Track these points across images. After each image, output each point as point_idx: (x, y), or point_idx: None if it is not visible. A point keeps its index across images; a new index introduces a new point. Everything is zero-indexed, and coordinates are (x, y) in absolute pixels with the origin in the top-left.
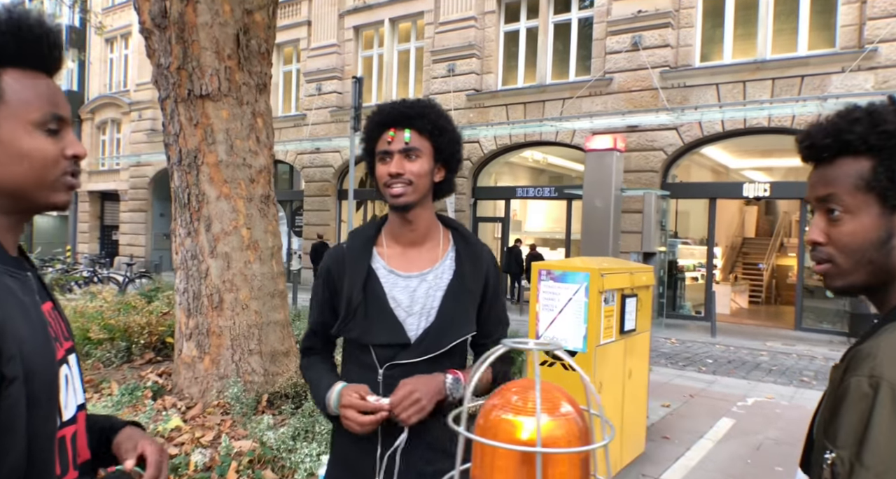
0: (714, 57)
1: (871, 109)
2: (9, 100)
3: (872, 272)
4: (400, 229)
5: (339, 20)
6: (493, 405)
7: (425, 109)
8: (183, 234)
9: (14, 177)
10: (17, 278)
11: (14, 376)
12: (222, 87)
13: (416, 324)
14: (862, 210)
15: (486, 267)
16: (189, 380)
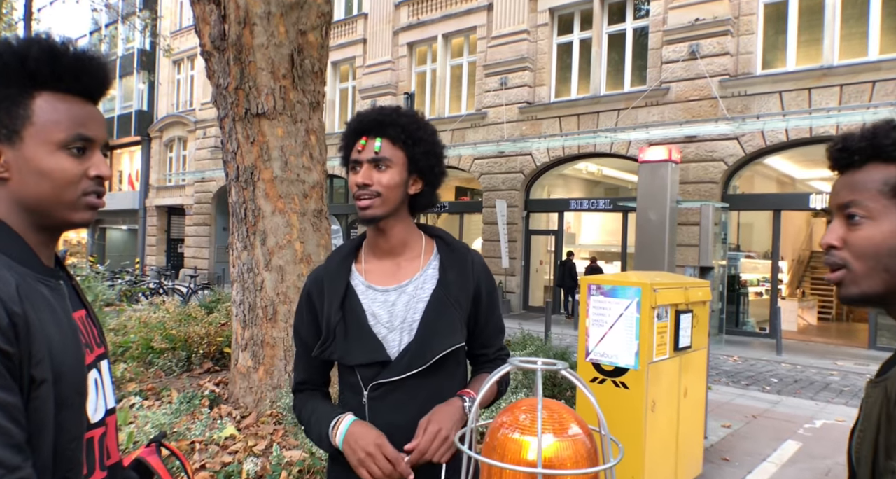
0: (777, 64)
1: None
2: (36, 121)
3: (887, 281)
4: (375, 241)
5: (393, 37)
6: (501, 424)
7: (400, 117)
8: (240, 247)
9: (35, 194)
10: (50, 286)
11: (43, 378)
12: (277, 105)
13: (398, 339)
14: (884, 216)
15: (477, 274)
16: (244, 390)
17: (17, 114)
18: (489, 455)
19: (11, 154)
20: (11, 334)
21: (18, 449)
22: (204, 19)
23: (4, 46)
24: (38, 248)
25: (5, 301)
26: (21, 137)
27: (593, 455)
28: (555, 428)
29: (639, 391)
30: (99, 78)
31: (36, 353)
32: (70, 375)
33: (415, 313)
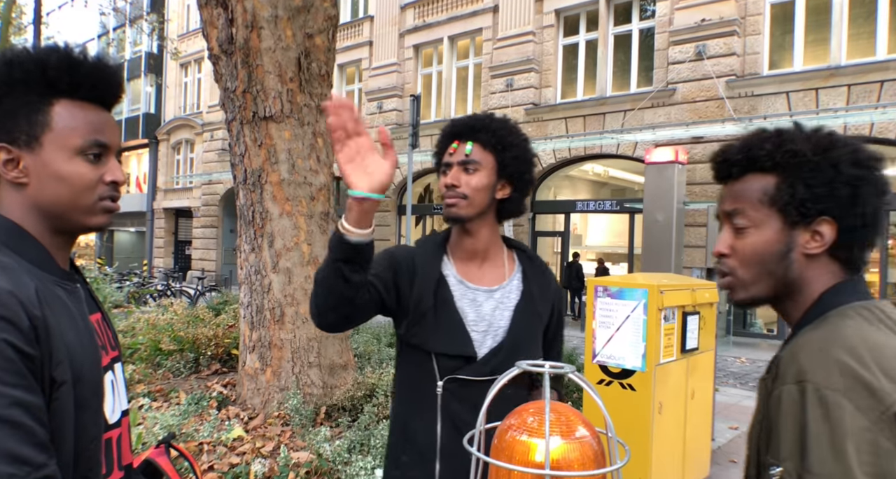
0: (784, 64)
1: (780, 130)
2: (55, 127)
3: (773, 285)
4: (461, 241)
5: (399, 40)
6: (509, 426)
7: (492, 123)
8: (247, 249)
9: (53, 198)
10: (67, 289)
11: (63, 379)
12: (284, 108)
13: (481, 340)
14: (765, 224)
15: (554, 293)
16: (252, 391)
17: (36, 120)
18: (497, 457)
19: (30, 159)
20: (32, 337)
21: (43, 447)
22: (212, 23)
23: (25, 55)
24: (54, 251)
25: (26, 305)
26: (40, 142)
27: (600, 457)
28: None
29: (646, 393)
30: (113, 86)
31: (56, 355)
32: (88, 376)
33: (501, 320)
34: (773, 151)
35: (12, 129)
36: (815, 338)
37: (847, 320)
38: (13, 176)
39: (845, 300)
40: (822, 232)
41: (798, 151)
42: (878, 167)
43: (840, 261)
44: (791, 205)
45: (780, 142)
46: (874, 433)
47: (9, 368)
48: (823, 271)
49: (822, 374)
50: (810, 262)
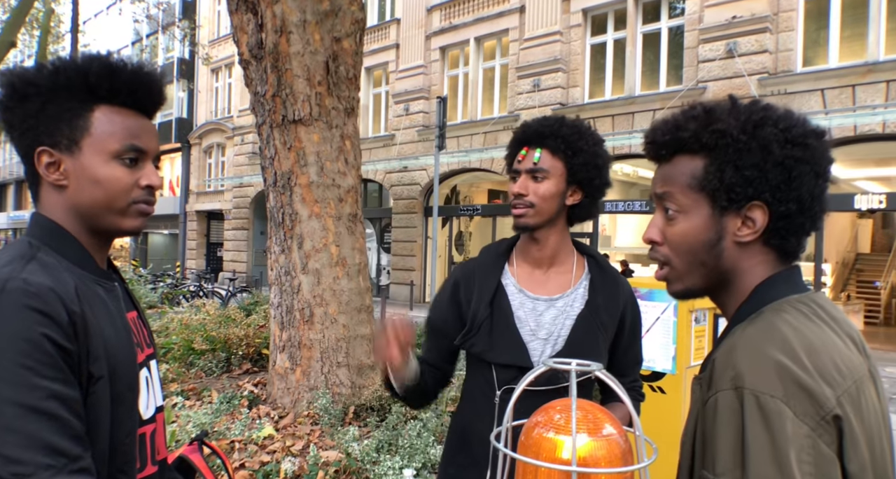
0: (818, 61)
1: (709, 107)
2: (94, 132)
3: (705, 275)
4: (527, 248)
5: (425, 42)
6: (535, 423)
7: (562, 128)
8: (277, 251)
9: (90, 200)
10: (105, 287)
11: (100, 374)
12: (313, 112)
13: (541, 350)
14: (694, 210)
15: (624, 302)
16: (282, 391)
17: (77, 125)
18: (524, 454)
19: (70, 163)
20: (71, 332)
21: (79, 440)
22: (242, 29)
23: (69, 63)
24: (93, 251)
25: (65, 301)
26: (80, 147)
27: (627, 455)
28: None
29: (676, 396)
30: (153, 93)
31: (94, 350)
32: (124, 372)
33: (562, 329)
34: (698, 132)
35: (55, 133)
36: (750, 337)
37: (783, 315)
38: (54, 178)
39: (780, 294)
40: (753, 218)
41: (725, 131)
42: (817, 145)
43: (775, 249)
44: (720, 190)
45: (707, 121)
46: (814, 439)
47: (47, 361)
48: (757, 261)
49: (760, 379)
50: (743, 250)
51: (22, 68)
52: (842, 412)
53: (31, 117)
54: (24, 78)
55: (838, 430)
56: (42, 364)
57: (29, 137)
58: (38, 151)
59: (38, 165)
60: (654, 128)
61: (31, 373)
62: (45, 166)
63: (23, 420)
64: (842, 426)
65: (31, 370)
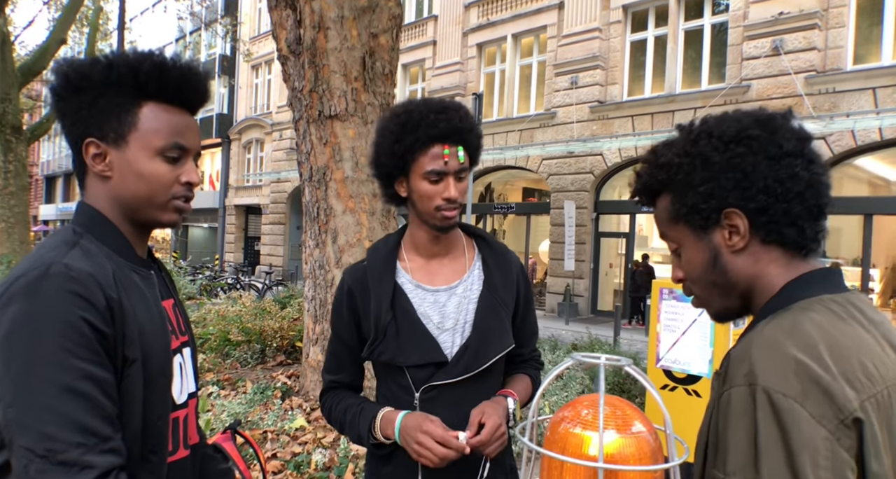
0: (870, 59)
1: (654, 148)
2: (140, 127)
3: (725, 293)
4: (425, 243)
5: (462, 39)
6: (562, 418)
7: (471, 123)
8: (312, 245)
9: (132, 193)
10: (142, 275)
11: (134, 358)
12: (349, 107)
13: (451, 341)
14: (684, 240)
15: (517, 275)
16: (314, 383)
17: (125, 120)
18: (550, 449)
19: (116, 155)
20: (108, 316)
21: (111, 421)
22: (281, 25)
23: (122, 60)
24: (132, 240)
25: (104, 286)
26: (126, 141)
27: (658, 453)
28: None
29: None
30: (198, 92)
31: (129, 334)
32: (157, 357)
33: (467, 315)
34: (652, 173)
35: (103, 126)
36: (770, 332)
37: (809, 313)
38: (99, 169)
39: (812, 293)
40: (734, 225)
41: (668, 163)
42: (761, 133)
43: (778, 244)
44: (689, 213)
45: (654, 160)
46: (832, 443)
47: (83, 343)
48: (767, 261)
49: (774, 376)
50: (745, 257)
51: (78, 61)
52: (864, 417)
53: (83, 109)
54: (80, 70)
55: (859, 434)
56: (79, 346)
57: (79, 128)
58: (86, 142)
59: (85, 155)
60: (634, 182)
61: (68, 354)
62: (91, 157)
63: (58, 399)
64: (863, 431)
65: (69, 351)
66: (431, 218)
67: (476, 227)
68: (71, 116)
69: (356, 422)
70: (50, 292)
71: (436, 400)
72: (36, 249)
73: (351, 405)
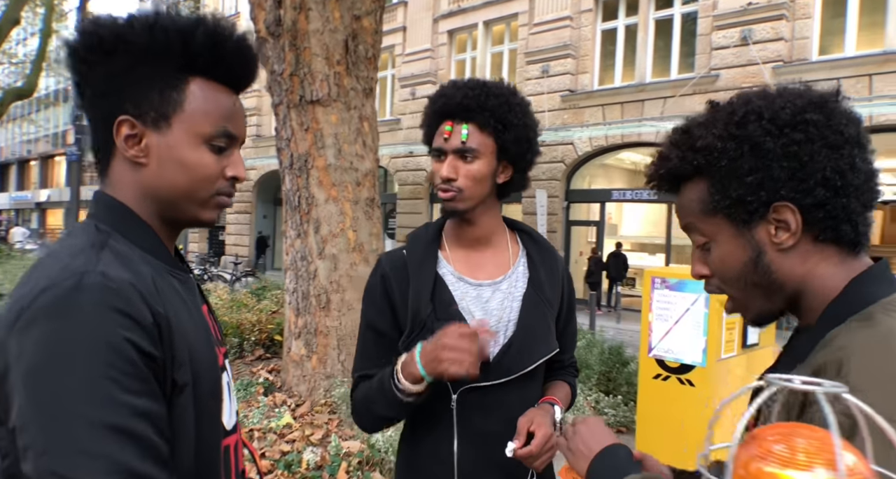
0: (834, 49)
1: (686, 127)
2: (187, 108)
3: (768, 295)
4: (460, 230)
5: (433, 25)
6: (751, 456)
7: (488, 99)
8: (293, 235)
9: (171, 185)
10: (180, 278)
11: (184, 382)
12: (332, 92)
13: (493, 340)
14: (719, 234)
15: (562, 276)
16: (297, 378)
17: (169, 98)
18: None
19: (155, 139)
20: (156, 335)
21: (164, 464)
22: (259, 5)
23: (169, 23)
24: (164, 239)
25: (147, 299)
26: (169, 123)
27: None
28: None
29: (705, 389)
30: (251, 70)
31: (178, 354)
32: (207, 377)
33: (510, 313)
34: (685, 157)
35: (141, 102)
36: (867, 345)
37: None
38: (133, 153)
39: (881, 292)
40: (784, 220)
41: (710, 146)
42: (820, 117)
43: (832, 242)
44: (733, 206)
45: (688, 142)
46: None
47: (132, 372)
48: (816, 261)
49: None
50: (793, 256)
51: (110, 18)
52: None
53: (116, 78)
54: (114, 30)
55: None
56: (126, 375)
57: (109, 102)
58: (118, 119)
59: (115, 135)
60: (650, 164)
61: (115, 386)
62: (123, 138)
63: (104, 442)
64: None
65: (115, 383)
66: (440, 200)
67: (521, 222)
68: (98, 85)
69: (381, 390)
70: (87, 308)
71: (473, 404)
72: (52, 252)
73: (370, 384)
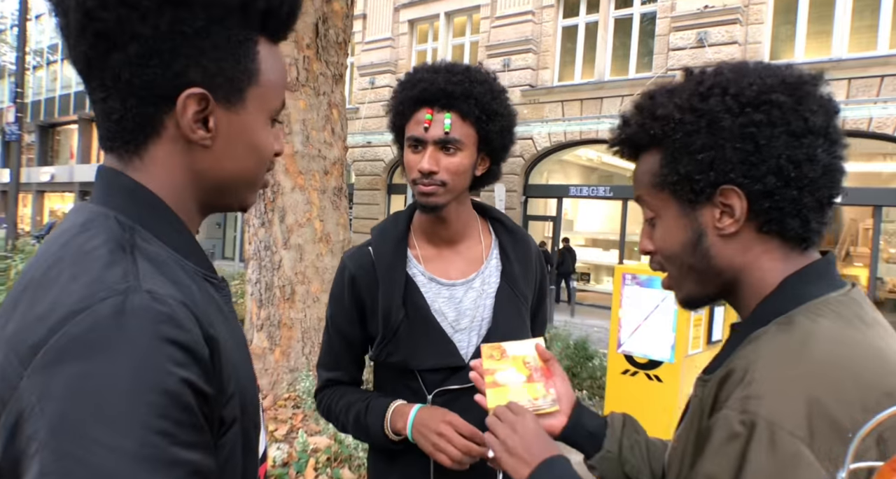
0: (785, 55)
1: (652, 93)
2: (262, 80)
3: (702, 280)
4: (432, 227)
5: (394, 14)
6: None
7: (473, 86)
8: (257, 224)
9: (236, 170)
10: (216, 284)
11: (233, 417)
12: (300, 77)
13: (467, 341)
14: (664, 211)
15: (536, 264)
16: (259, 371)
17: (244, 67)
18: None
19: (224, 118)
20: (210, 368)
21: None
22: None
23: None
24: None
25: (202, 322)
26: (243, 98)
27: None
28: None
29: (673, 385)
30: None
31: (227, 386)
32: (250, 404)
33: (483, 311)
34: (644, 124)
35: (215, 73)
36: (779, 351)
37: (820, 323)
38: (200, 136)
39: (816, 292)
40: (730, 205)
41: (668, 116)
42: (787, 100)
43: (777, 236)
44: (680, 182)
45: (650, 108)
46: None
47: (188, 421)
48: (758, 252)
49: (782, 409)
50: (735, 243)
51: None
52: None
53: (184, 37)
54: None
55: None
56: (182, 427)
57: (170, 67)
58: (186, 93)
59: (180, 113)
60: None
61: (168, 442)
62: (191, 116)
63: None
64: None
65: (169, 438)
66: (415, 194)
67: (494, 208)
68: (155, 43)
69: (363, 419)
70: (138, 341)
71: (449, 405)
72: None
73: (354, 401)
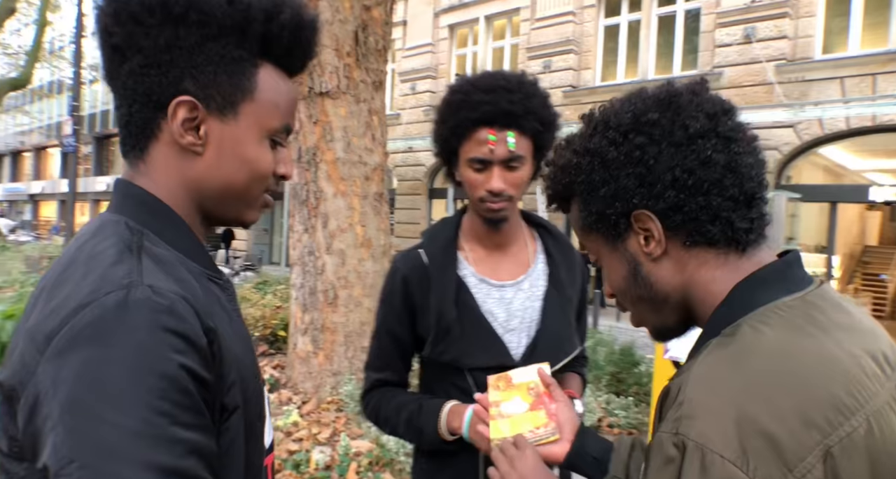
0: (838, 48)
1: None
2: (258, 97)
3: (653, 309)
4: (483, 233)
5: (434, 19)
6: None
7: (531, 101)
8: (300, 230)
9: (226, 181)
10: (220, 284)
11: (234, 405)
12: (341, 84)
13: (517, 341)
14: (600, 251)
15: (580, 270)
16: (303, 375)
17: (240, 84)
18: None
19: (216, 127)
20: (209, 356)
21: None
22: None
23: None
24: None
25: (201, 314)
26: (236, 112)
27: None
28: None
29: None
30: (309, 55)
31: (228, 375)
32: (253, 395)
33: (533, 313)
34: (555, 176)
35: (208, 84)
36: (711, 366)
37: (762, 332)
38: (189, 141)
39: (767, 296)
40: (647, 228)
41: (567, 164)
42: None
43: (705, 245)
44: (599, 222)
45: (557, 161)
46: None
47: (187, 404)
48: (694, 265)
49: (712, 430)
50: (667, 264)
51: None
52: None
53: (180, 51)
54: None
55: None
56: (181, 408)
57: (168, 78)
58: (177, 100)
59: (171, 118)
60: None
61: (168, 422)
62: (180, 122)
63: None
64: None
65: (168, 418)
66: (478, 209)
67: (536, 215)
68: (153, 55)
69: (415, 419)
70: (139, 330)
71: None
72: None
73: (405, 402)
